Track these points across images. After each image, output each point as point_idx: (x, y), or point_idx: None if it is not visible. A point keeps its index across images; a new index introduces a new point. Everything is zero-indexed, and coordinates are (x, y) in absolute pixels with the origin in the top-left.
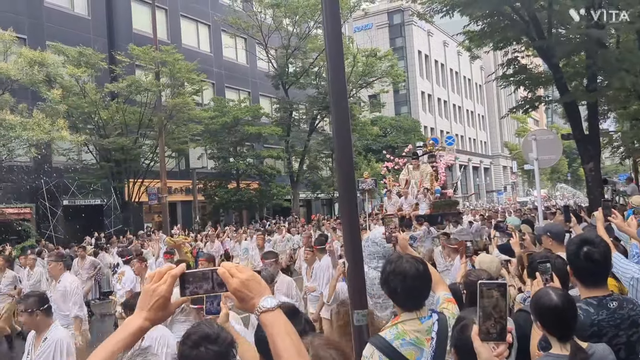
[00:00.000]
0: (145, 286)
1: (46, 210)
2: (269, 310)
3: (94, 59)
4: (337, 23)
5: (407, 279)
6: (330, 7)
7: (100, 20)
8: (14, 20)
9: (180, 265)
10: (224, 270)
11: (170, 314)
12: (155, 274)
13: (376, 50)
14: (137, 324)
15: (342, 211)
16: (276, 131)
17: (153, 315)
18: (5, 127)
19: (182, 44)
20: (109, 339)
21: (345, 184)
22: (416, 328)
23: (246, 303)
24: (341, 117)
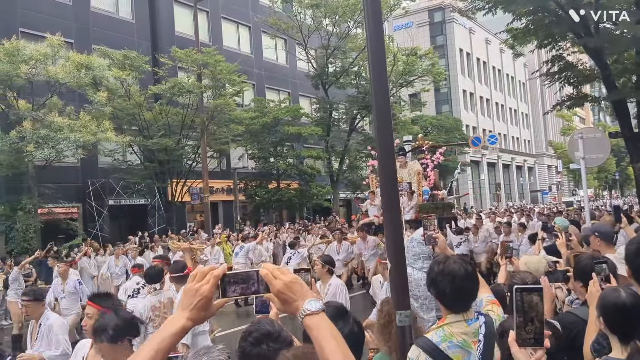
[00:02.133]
0: (187, 286)
1: (92, 209)
2: (314, 313)
3: (138, 62)
4: (379, 23)
5: (455, 280)
6: (372, 7)
7: (144, 24)
8: (62, 25)
9: (222, 266)
10: (266, 272)
11: (212, 314)
12: (197, 273)
13: (417, 48)
14: (179, 323)
15: (384, 211)
16: (316, 131)
17: (195, 315)
18: (54, 129)
19: (223, 46)
20: (152, 338)
21: (388, 184)
22: (463, 330)
23: (289, 305)
24: (383, 119)
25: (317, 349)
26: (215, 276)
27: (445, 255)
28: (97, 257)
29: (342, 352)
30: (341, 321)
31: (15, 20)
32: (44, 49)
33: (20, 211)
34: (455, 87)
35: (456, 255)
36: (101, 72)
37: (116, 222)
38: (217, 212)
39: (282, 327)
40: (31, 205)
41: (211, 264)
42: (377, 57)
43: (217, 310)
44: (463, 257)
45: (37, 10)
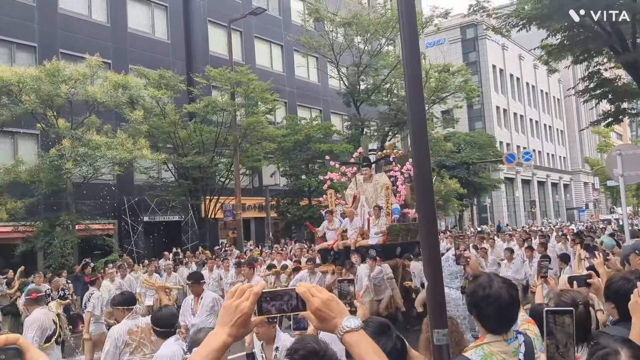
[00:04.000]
0: (226, 302)
1: (128, 226)
2: (353, 330)
3: (174, 81)
4: (415, 38)
5: (502, 305)
6: (408, 22)
7: (179, 44)
8: (100, 46)
9: (261, 283)
10: (304, 290)
11: (250, 331)
12: (237, 290)
13: (449, 65)
14: (221, 339)
15: (421, 230)
16: (347, 148)
17: (235, 332)
18: (92, 147)
19: (256, 65)
20: (196, 355)
21: (424, 203)
22: (503, 349)
23: (327, 323)
24: (419, 137)
25: None
26: (255, 293)
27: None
28: (131, 272)
29: None
30: (384, 337)
31: (55, 41)
32: (83, 69)
33: (58, 227)
34: (488, 103)
35: (499, 278)
36: (137, 91)
37: (150, 239)
38: (249, 228)
39: (327, 344)
40: (69, 221)
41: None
42: (413, 73)
43: (254, 327)
44: (505, 279)
45: (76, 32)
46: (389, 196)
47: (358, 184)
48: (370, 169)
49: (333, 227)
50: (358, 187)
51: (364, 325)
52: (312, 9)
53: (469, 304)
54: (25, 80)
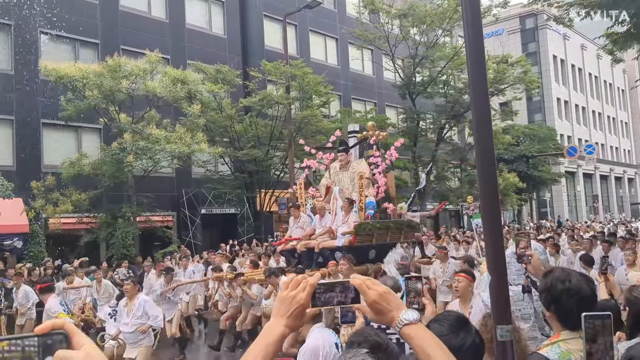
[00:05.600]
0: (282, 293)
1: (186, 218)
2: (411, 323)
3: (230, 76)
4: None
5: (584, 299)
6: (472, 16)
7: (235, 39)
8: (159, 42)
9: (316, 274)
10: (360, 282)
11: (305, 322)
12: (292, 281)
13: (508, 56)
14: (278, 331)
15: (484, 224)
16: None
17: (292, 323)
18: (152, 140)
19: (311, 58)
20: (255, 346)
21: (488, 196)
22: (580, 347)
23: (384, 316)
24: (483, 130)
25: (421, 358)
26: (310, 285)
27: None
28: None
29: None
30: (463, 331)
31: (116, 38)
32: (143, 65)
33: (120, 219)
34: (548, 95)
35: (576, 272)
36: (195, 86)
37: (208, 231)
38: None
39: (389, 338)
40: (130, 213)
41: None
42: (476, 65)
43: (309, 318)
44: (581, 272)
45: (137, 29)
46: (362, 187)
47: (333, 172)
48: (348, 155)
49: (299, 225)
50: (333, 176)
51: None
52: (368, 1)
53: (546, 300)
54: (89, 76)
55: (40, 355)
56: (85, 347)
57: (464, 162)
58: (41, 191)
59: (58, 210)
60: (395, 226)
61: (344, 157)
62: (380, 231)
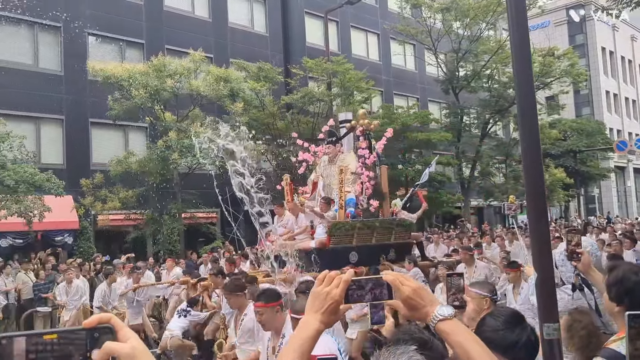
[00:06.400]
0: (315, 289)
1: (229, 215)
2: (447, 318)
3: (272, 74)
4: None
5: None
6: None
7: (277, 37)
8: (203, 41)
9: (350, 271)
10: (393, 278)
11: (339, 318)
12: (325, 277)
13: (554, 48)
14: (314, 327)
15: (530, 221)
16: (446, 137)
17: (326, 319)
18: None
19: (352, 54)
20: (292, 342)
21: (534, 192)
22: None
23: (418, 311)
24: (529, 125)
25: (458, 353)
26: (344, 281)
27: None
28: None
29: (490, 356)
30: (518, 328)
31: (161, 38)
32: (187, 64)
33: (166, 215)
34: (597, 88)
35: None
36: (238, 84)
37: (251, 227)
38: None
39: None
40: (175, 210)
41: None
42: (521, 58)
43: (342, 314)
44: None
45: (181, 28)
46: (342, 182)
47: (323, 166)
48: (336, 147)
49: (282, 224)
50: (321, 170)
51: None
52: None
53: (617, 293)
54: (135, 75)
55: (88, 347)
56: (130, 341)
57: (509, 157)
58: (90, 189)
59: (106, 207)
60: (381, 225)
61: (331, 150)
62: (361, 231)
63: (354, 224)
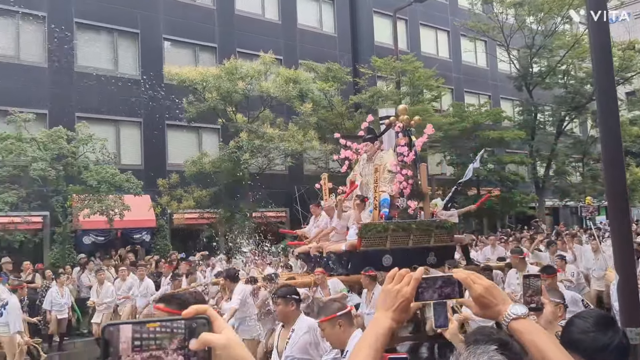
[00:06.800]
0: (386, 287)
1: (298, 214)
2: (520, 317)
3: (340, 74)
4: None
5: None
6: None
7: (345, 37)
8: (272, 43)
9: (420, 269)
10: (465, 276)
11: (410, 316)
12: (395, 275)
13: (635, 42)
14: (386, 324)
15: (611, 221)
16: (519, 135)
17: (398, 316)
18: (266, 139)
19: (421, 52)
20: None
21: (615, 192)
22: None
23: (490, 310)
24: (609, 122)
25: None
26: (415, 279)
27: None
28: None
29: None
30: (611, 330)
31: (233, 41)
32: (258, 66)
33: (237, 214)
34: None
35: None
36: (307, 85)
37: None
38: None
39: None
40: (246, 209)
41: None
42: (601, 52)
43: (413, 312)
44: None
45: (251, 31)
46: (377, 181)
47: (362, 164)
48: (375, 144)
49: (317, 224)
50: (360, 168)
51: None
52: None
53: None
54: (208, 79)
55: (186, 336)
56: (225, 332)
57: (587, 155)
58: (166, 188)
59: (181, 206)
60: (418, 227)
61: (369, 147)
62: (396, 233)
63: (387, 225)
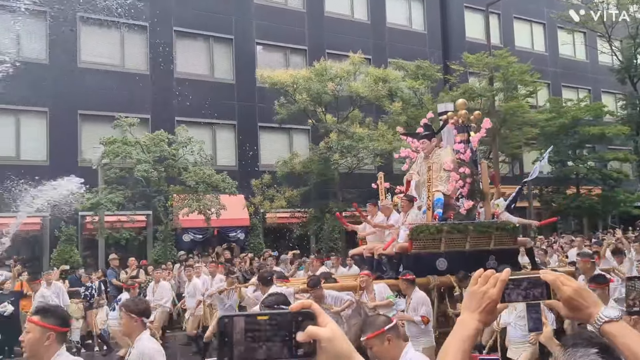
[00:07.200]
0: (472, 288)
1: None
2: (613, 320)
3: (430, 71)
4: None
5: None
6: None
7: (435, 34)
8: (361, 43)
9: (507, 270)
10: (554, 278)
11: (495, 318)
12: (481, 276)
13: None
14: (473, 326)
15: None
16: (623, 130)
17: (485, 318)
18: (356, 139)
19: (515, 46)
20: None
21: None
22: None
23: (580, 312)
24: None
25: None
26: (502, 280)
27: None
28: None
29: None
30: None
31: (322, 43)
32: (347, 67)
33: (327, 214)
34: None
35: None
36: (396, 83)
37: None
38: None
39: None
40: (336, 208)
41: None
42: None
43: (498, 314)
44: None
45: (340, 32)
46: (430, 180)
47: (419, 163)
48: (432, 141)
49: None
50: (418, 167)
51: None
52: None
53: None
54: (298, 81)
55: (293, 329)
56: (329, 325)
57: None
58: (259, 188)
59: (274, 206)
60: (476, 229)
61: (426, 144)
62: (450, 235)
63: (441, 227)
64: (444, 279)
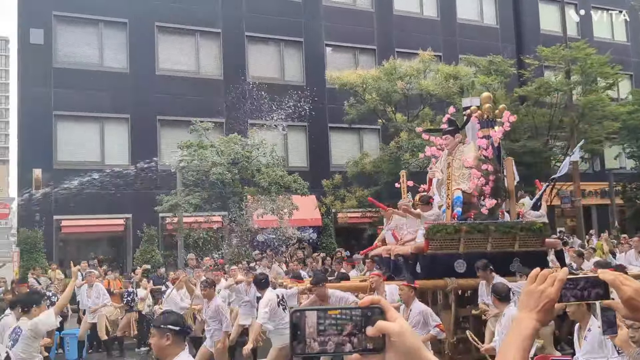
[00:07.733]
0: (529, 287)
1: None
2: None
3: (503, 66)
4: None
5: None
6: None
7: (508, 28)
8: (431, 41)
9: (564, 269)
10: (613, 278)
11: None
12: (539, 275)
13: None
14: (531, 325)
15: None
16: None
17: (543, 317)
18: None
19: (594, 37)
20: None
21: None
22: None
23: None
24: None
25: None
26: (559, 279)
27: None
28: None
29: None
30: None
31: (391, 42)
32: (417, 65)
33: None
34: None
35: None
36: (468, 80)
37: None
38: (589, 216)
39: None
40: None
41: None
42: None
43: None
44: None
45: (410, 30)
46: (450, 178)
47: (443, 159)
48: (455, 137)
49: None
50: (441, 165)
51: None
52: None
53: None
54: (368, 81)
55: (363, 324)
56: (398, 321)
57: None
58: (330, 189)
59: (345, 206)
60: (498, 229)
61: (449, 140)
62: (470, 236)
63: (460, 226)
64: (463, 281)
